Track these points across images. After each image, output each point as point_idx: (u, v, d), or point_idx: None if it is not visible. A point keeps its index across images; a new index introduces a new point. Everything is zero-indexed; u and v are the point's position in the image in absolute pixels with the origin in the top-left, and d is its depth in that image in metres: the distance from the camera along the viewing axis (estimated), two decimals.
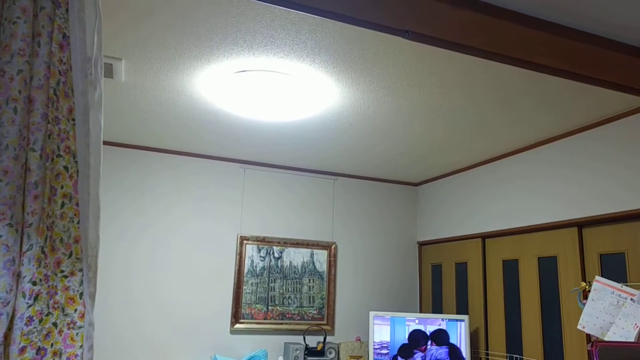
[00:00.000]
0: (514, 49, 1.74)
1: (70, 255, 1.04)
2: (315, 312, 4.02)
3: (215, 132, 3.36)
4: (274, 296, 3.93)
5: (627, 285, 2.58)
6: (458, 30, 1.64)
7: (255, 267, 3.91)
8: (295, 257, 4.04)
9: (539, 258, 3.25)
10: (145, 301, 3.60)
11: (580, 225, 2.96)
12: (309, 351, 3.75)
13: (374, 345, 3.64)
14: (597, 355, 2.17)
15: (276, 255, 3.99)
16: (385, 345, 3.63)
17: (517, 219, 3.35)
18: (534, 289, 3.25)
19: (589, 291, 2.65)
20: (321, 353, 3.76)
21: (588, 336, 2.82)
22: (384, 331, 3.66)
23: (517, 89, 2.47)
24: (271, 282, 3.94)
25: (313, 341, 3.96)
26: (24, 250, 0.97)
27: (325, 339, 3.85)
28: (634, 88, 2.05)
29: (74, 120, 1.04)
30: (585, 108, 2.67)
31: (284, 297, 3.96)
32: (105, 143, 3.70)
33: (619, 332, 2.46)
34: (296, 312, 3.97)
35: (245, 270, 3.88)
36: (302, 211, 4.16)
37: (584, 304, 2.65)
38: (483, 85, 2.45)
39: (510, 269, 3.48)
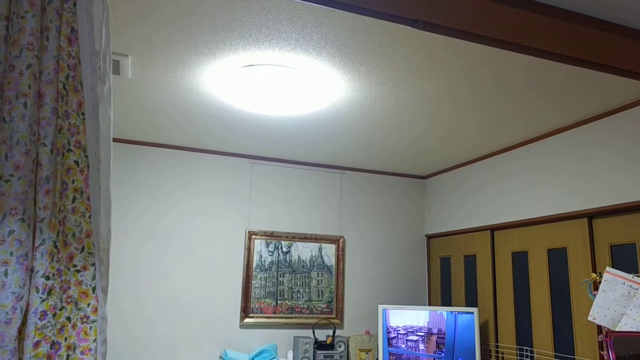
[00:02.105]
0: (524, 37, 1.72)
1: (83, 249, 1.04)
2: (324, 306, 4.03)
3: (222, 127, 3.36)
4: (283, 290, 3.94)
5: (638, 276, 2.56)
6: (468, 19, 1.62)
7: (264, 261, 3.92)
8: (304, 251, 4.05)
9: (548, 250, 3.23)
10: (154, 297, 3.61)
11: (590, 216, 2.94)
12: (319, 345, 3.76)
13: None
14: (611, 345, 2.15)
15: (284, 249, 4.00)
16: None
17: (526, 211, 3.34)
18: (543, 281, 3.23)
19: (600, 282, 2.63)
20: (331, 346, 3.77)
21: (599, 327, 2.80)
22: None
23: (524, 81, 2.45)
24: (280, 277, 3.94)
25: (322, 335, 3.97)
26: (36, 245, 0.97)
27: (334, 332, 3.86)
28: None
29: (83, 114, 1.04)
30: (593, 99, 2.64)
31: (293, 291, 3.96)
32: (113, 140, 3.71)
33: (630, 323, 2.45)
34: (305, 306, 3.98)
35: (254, 265, 3.89)
36: (310, 205, 4.16)
37: (595, 295, 2.63)
38: (489, 77, 2.43)
39: (520, 261, 3.47)
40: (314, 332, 3.87)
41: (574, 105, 2.74)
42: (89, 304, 1.03)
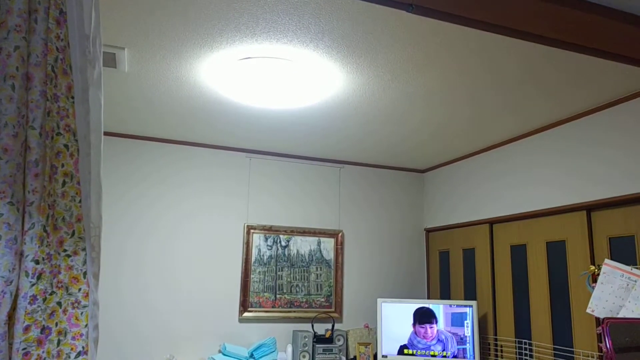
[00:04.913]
0: (519, 21, 1.71)
1: (73, 234, 1.03)
2: (323, 299, 4.03)
3: (219, 121, 3.35)
4: (282, 284, 3.94)
5: (636, 268, 2.56)
6: (461, 3, 1.61)
7: (263, 255, 3.92)
8: (302, 245, 4.04)
9: (547, 243, 3.23)
10: (156, 291, 3.62)
11: (589, 208, 2.94)
12: (318, 339, 3.76)
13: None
14: (608, 332, 2.15)
15: (283, 243, 4.00)
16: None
17: (525, 204, 3.33)
18: (542, 274, 3.23)
19: (598, 274, 2.63)
20: (330, 340, 3.77)
21: (597, 320, 2.80)
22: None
23: (520, 74, 2.44)
24: (279, 271, 3.94)
25: (321, 329, 3.97)
26: (25, 228, 0.96)
27: (333, 326, 3.86)
28: (634, 58, 2.01)
29: (73, 98, 1.03)
30: (591, 92, 2.63)
31: (292, 285, 3.96)
32: (113, 135, 3.71)
33: (629, 315, 2.44)
34: (304, 300, 3.98)
35: (253, 259, 3.89)
36: (308, 200, 4.16)
37: (593, 288, 2.63)
38: (486, 71, 2.42)
39: (519, 254, 3.46)
40: (312, 326, 3.88)
41: (572, 98, 2.73)
42: (79, 289, 1.02)
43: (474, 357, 3.49)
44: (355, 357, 3.89)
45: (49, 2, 1.00)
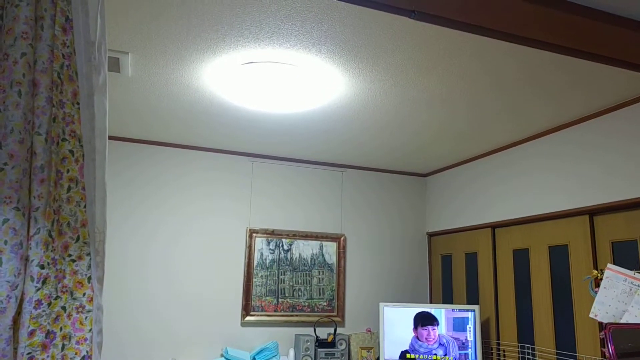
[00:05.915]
0: (519, 27, 1.72)
1: (78, 239, 1.04)
2: (325, 304, 4.03)
3: (223, 125, 3.36)
4: (284, 288, 3.94)
5: (639, 273, 2.55)
6: (463, 9, 1.62)
7: (265, 259, 3.92)
8: (305, 249, 4.04)
9: (549, 247, 3.22)
10: (158, 295, 3.62)
11: (592, 213, 2.93)
12: (320, 343, 3.75)
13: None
14: (610, 337, 2.15)
15: (285, 247, 4.00)
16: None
17: (527, 208, 3.33)
18: (545, 278, 3.22)
19: (601, 279, 2.62)
20: (332, 344, 3.76)
21: (600, 324, 2.79)
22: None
23: (523, 79, 2.45)
24: (281, 275, 3.94)
25: (323, 333, 3.96)
26: (31, 234, 0.97)
27: (335, 330, 3.85)
28: (633, 63, 2.01)
29: (78, 104, 1.04)
30: (591, 96, 2.63)
31: (294, 289, 3.96)
32: (116, 139, 3.72)
33: (632, 320, 2.44)
34: (306, 304, 3.97)
35: (255, 263, 3.89)
36: (311, 203, 4.16)
37: (596, 292, 2.62)
38: (487, 75, 2.42)
39: (521, 258, 3.46)
40: (315, 330, 3.87)
41: (573, 102, 2.73)
42: (84, 294, 1.03)
43: None
44: None
45: (55, 9, 1.00)
